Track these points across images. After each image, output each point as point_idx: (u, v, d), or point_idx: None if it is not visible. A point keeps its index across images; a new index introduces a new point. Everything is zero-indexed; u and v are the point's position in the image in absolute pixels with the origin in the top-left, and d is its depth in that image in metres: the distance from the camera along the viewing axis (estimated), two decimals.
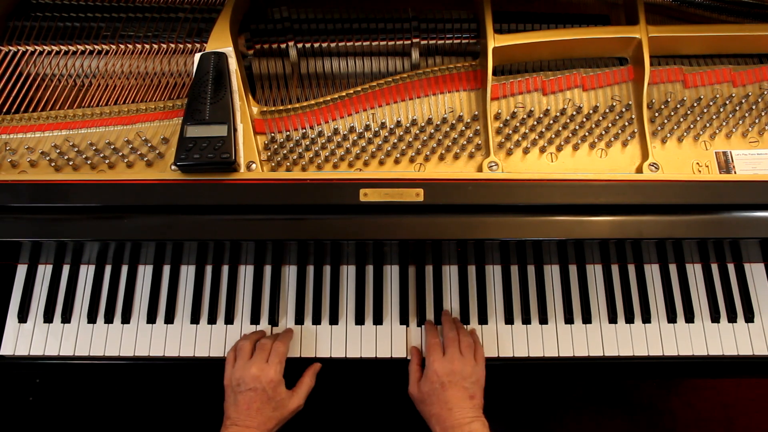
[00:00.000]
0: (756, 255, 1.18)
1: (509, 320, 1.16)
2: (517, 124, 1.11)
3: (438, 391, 1.00)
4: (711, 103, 1.13)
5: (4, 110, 1.13)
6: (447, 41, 1.17)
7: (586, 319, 1.16)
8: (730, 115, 1.13)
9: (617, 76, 1.14)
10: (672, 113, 1.12)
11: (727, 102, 1.14)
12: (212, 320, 1.16)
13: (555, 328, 1.16)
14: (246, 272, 1.19)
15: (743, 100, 1.13)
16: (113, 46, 1.16)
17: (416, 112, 1.12)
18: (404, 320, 1.16)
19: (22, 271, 1.19)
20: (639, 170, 1.08)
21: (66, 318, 1.15)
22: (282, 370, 1.04)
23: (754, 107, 1.14)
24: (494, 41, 1.10)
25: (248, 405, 0.99)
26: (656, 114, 1.13)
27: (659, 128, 1.12)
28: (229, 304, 1.16)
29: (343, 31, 1.17)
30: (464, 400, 0.99)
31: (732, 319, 1.16)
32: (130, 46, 1.16)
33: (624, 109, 1.12)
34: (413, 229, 1.01)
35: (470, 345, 1.06)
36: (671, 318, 1.16)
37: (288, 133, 1.10)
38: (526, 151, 1.10)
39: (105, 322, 1.15)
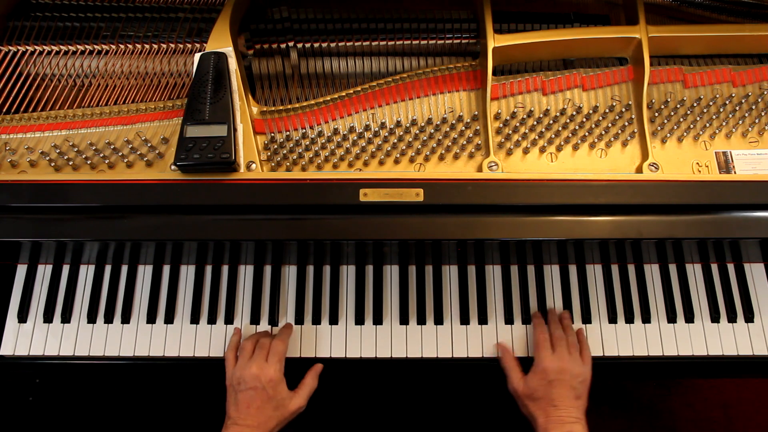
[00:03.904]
0: (756, 255, 1.18)
1: (509, 320, 1.16)
2: (517, 124, 1.11)
3: (546, 387, 1.01)
4: (711, 103, 1.13)
5: (4, 110, 1.13)
6: (447, 41, 1.17)
7: (586, 319, 1.16)
8: (730, 115, 1.13)
9: (617, 76, 1.14)
10: (672, 113, 1.12)
11: (727, 102, 1.14)
12: (212, 320, 1.16)
13: None
14: (246, 272, 1.19)
15: (743, 100, 1.13)
16: (113, 46, 1.16)
17: (416, 112, 1.12)
18: (404, 320, 1.16)
19: (22, 271, 1.19)
20: (639, 170, 1.08)
21: (66, 318, 1.15)
22: (282, 369, 1.04)
23: (754, 107, 1.14)
24: (494, 41, 1.10)
25: (248, 404, 0.99)
26: (656, 114, 1.13)
27: (659, 128, 1.12)
28: (229, 304, 1.16)
29: (343, 31, 1.17)
30: (571, 399, 1.00)
31: (732, 319, 1.16)
32: (130, 46, 1.16)
33: (624, 109, 1.12)
34: (413, 229, 1.01)
35: (575, 344, 1.07)
36: (671, 318, 1.16)
37: (288, 133, 1.10)
38: (526, 151, 1.10)
39: (105, 322, 1.15)
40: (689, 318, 1.16)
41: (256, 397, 1.00)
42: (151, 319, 1.15)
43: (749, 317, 1.16)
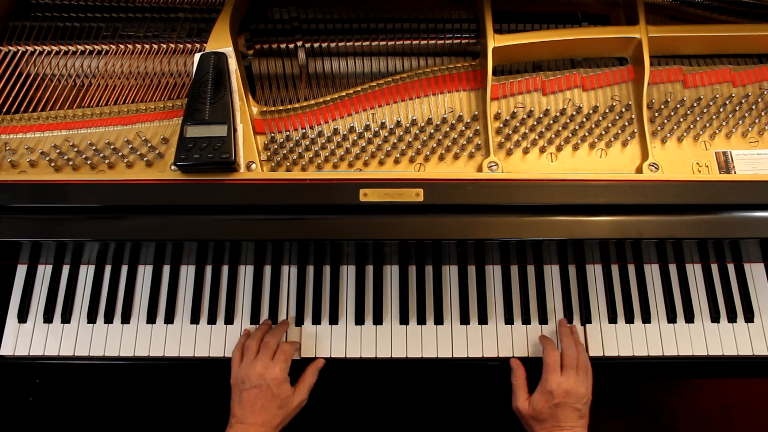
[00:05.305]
0: (756, 255, 1.18)
1: (509, 320, 1.16)
2: (517, 124, 1.11)
3: (552, 410, 1.00)
4: (711, 103, 1.13)
5: (4, 110, 1.13)
6: (447, 41, 1.17)
7: (586, 319, 1.16)
8: (730, 115, 1.13)
9: (617, 76, 1.14)
10: (672, 113, 1.12)
11: (727, 102, 1.14)
12: (212, 320, 1.15)
13: (555, 328, 1.15)
14: (246, 272, 1.19)
15: (743, 100, 1.13)
16: (113, 46, 1.16)
17: (416, 112, 1.12)
18: (404, 320, 1.15)
19: (22, 271, 1.19)
20: (639, 170, 1.08)
21: (66, 318, 1.15)
22: (287, 369, 1.04)
23: (754, 107, 1.14)
24: (494, 41, 1.10)
25: (253, 402, 1.00)
26: (656, 114, 1.13)
27: (659, 128, 1.12)
28: (229, 304, 1.16)
29: (343, 32, 1.17)
30: (575, 419, 1.00)
31: (732, 319, 1.16)
32: (130, 46, 1.16)
33: (624, 109, 1.12)
34: (413, 229, 1.01)
35: (585, 364, 1.06)
36: (671, 318, 1.16)
37: (288, 133, 1.10)
38: (526, 151, 1.10)
39: (105, 322, 1.15)
40: (689, 318, 1.16)
41: (260, 395, 1.00)
42: (151, 319, 1.15)
43: (749, 317, 1.16)
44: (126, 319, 1.16)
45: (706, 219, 1.02)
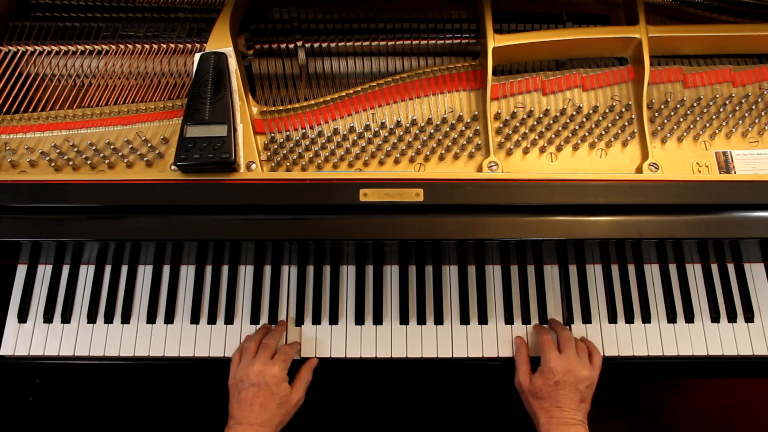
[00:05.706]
0: (756, 255, 1.18)
1: (509, 320, 1.16)
2: (517, 124, 1.11)
3: (552, 388, 1.00)
4: (711, 103, 1.13)
5: (4, 110, 1.13)
6: (447, 41, 1.17)
7: (586, 319, 1.16)
8: (730, 115, 1.13)
9: (617, 76, 1.14)
10: (672, 113, 1.12)
11: (727, 102, 1.14)
12: (212, 320, 1.16)
13: None
14: (246, 272, 1.19)
15: (743, 100, 1.13)
16: (113, 46, 1.16)
17: (416, 112, 1.12)
18: (404, 320, 1.15)
19: (22, 271, 1.19)
20: (639, 170, 1.08)
21: (66, 318, 1.15)
22: (286, 368, 1.04)
23: (753, 107, 1.14)
24: (494, 41, 1.10)
25: (251, 401, 0.98)
26: (656, 114, 1.13)
27: (659, 128, 1.12)
28: (229, 304, 1.16)
29: (343, 32, 1.17)
30: (575, 402, 1.00)
31: (732, 319, 1.16)
32: (130, 46, 1.16)
33: (624, 109, 1.12)
34: (413, 229, 1.01)
35: (584, 348, 1.07)
36: (671, 318, 1.16)
37: (288, 133, 1.10)
38: (526, 151, 1.10)
39: (105, 323, 1.15)
40: (689, 318, 1.16)
41: (259, 394, 0.99)
42: (151, 319, 1.15)
43: (749, 317, 1.16)
44: (126, 319, 1.16)
45: (706, 219, 1.02)
